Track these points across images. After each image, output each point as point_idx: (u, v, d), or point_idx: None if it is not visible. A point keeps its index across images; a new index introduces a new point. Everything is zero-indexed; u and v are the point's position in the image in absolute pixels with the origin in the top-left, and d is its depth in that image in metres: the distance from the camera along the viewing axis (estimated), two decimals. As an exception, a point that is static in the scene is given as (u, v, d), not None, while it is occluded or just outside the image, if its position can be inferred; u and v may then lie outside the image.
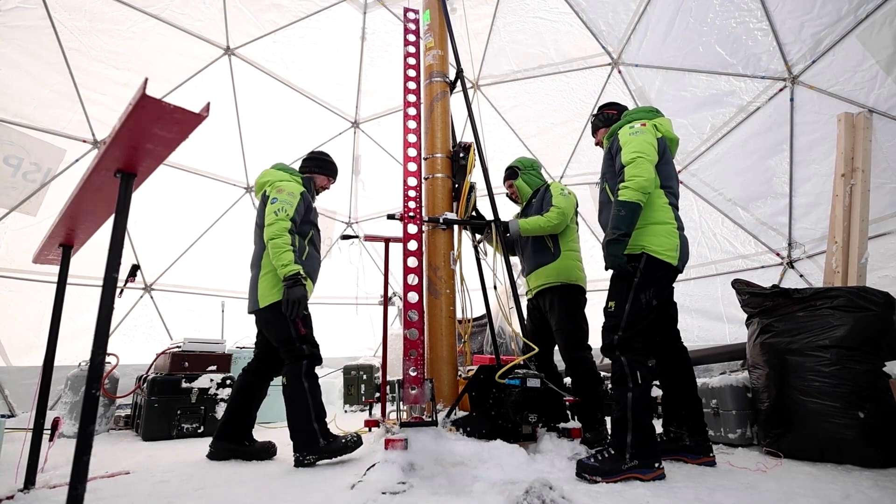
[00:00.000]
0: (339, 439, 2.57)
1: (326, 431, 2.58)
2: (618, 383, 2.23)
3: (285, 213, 2.71)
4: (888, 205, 3.58)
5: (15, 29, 4.18)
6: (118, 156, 1.43)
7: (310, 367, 2.68)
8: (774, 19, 4.03)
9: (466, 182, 3.13)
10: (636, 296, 2.28)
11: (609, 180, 2.52)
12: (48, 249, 2.19)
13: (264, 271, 2.80)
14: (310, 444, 2.53)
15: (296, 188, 2.85)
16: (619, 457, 2.09)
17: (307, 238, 2.91)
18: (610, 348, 2.29)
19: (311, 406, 2.57)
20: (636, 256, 2.32)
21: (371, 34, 6.03)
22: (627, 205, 2.25)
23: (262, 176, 2.97)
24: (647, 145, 2.35)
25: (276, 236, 2.66)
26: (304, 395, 2.59)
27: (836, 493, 1.86)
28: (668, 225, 2.36)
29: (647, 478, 2.06)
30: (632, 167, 2.29)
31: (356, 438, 2.61)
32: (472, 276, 3.21)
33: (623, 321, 2.27)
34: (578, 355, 2.94)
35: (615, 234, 2.26)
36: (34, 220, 4.46)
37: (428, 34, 3.47)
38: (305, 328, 2.73)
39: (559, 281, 3.05)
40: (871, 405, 2.30)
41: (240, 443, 2.81)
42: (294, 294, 2.62)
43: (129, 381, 4.32)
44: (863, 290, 2.51)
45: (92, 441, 1.35)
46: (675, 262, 2.33)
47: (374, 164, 6.94)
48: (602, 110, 2.85)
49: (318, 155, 3.24)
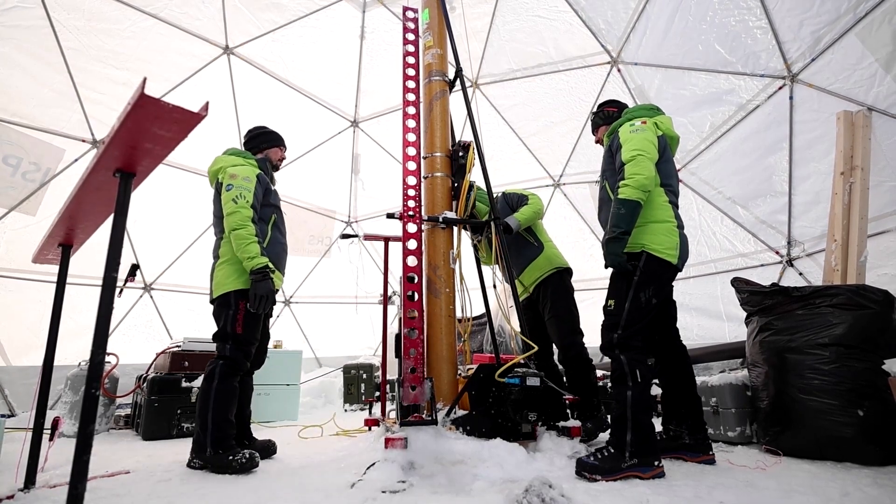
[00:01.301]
0: (228, 455, 2.36)
1: (220, 441, 2.39)
2: (617, 382, 2.22)
3: (245, 199, 2.56)
4: (887, 203, 3.58)
5: (14, 28, 4.17)
6: (117, 155, 1.43)
7: (224, 370, 2.51)
8: (774, 17, 4.02)
9: (466, 181, 3.13)
10: (636, 294, 2.27)
11: (609, 178, 2.52)
12: (47, 249, 2.19)
13: (221, 260, 2.69)
14: (199, 448, 2.42)
15: (250, 171, 2.71)
16: (619, 455, 2.09)
17: (269, 223, 2.77)
18: (609, 346, 2.29)
19: (209, 410, 2.42)
20: (636, 255, 2.32)
21: (370, 33, 6.02)
22: (627, 203, 2.25)
23: (214, 163, 2.81)
24: (647, 143, 2.35)
25: (239, 226, 2.51)
26: (207, 398, 2.44)
27: (836, 490, 1.86)
28: (668, 223, 2.36)
29: (646, 476, 2.07)
30: (632, 165, 2.29)
31: (248, 459, 2.36)
32: (472, 275, 3.22)
33: (623, 319, 2.26)
34: (570, 340, 3.05)
35: (615, 232, 2.25)
36: (33, 219, 4.45)
37: (427, 33, 3.47)
38: (245, 327, 2.57)
39: (553, 267, 3.20)
40: (870, 403, 2.30)
41: (239, 443, 2.69)
42: (261, 289, 2.49)
43: (129, 381, 4.32)
44: (862, 288, 2.51)
45: (92, 440, 1.35)
46: (674, 261, 2.33)
47: (374, 164, 6.93)
48: (602, 108, 2.85)
49: (258, 130, 3.07)
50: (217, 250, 2.76)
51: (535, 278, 3.21)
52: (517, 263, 3.30)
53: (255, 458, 2.40)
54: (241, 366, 2.59)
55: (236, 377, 2.58)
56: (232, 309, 2.59)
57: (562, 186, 6.29)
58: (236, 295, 2.60)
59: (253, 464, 2.38)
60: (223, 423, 2.45)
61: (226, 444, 2.42)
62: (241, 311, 2.58)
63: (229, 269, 2.64)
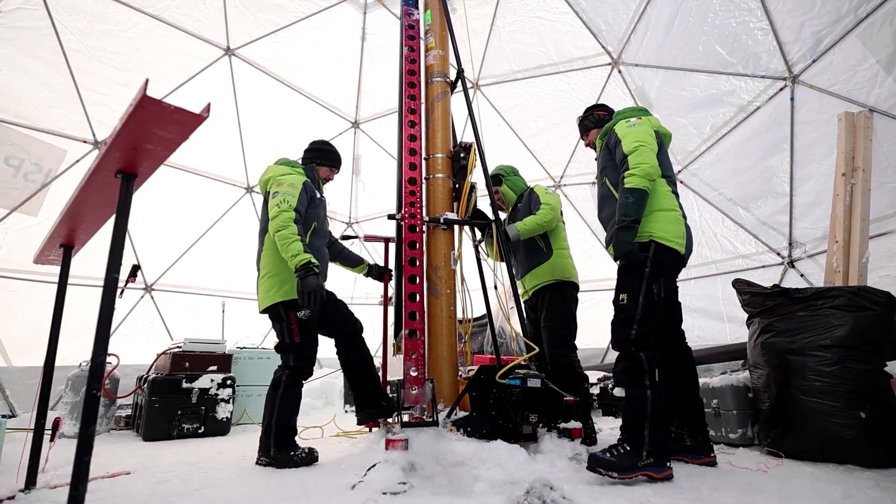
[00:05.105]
0: (290, 451, 2.54)
1: (281, 442, 2.56)
2: (635, 380, 2.16)
3: (288, 203, 2.62)
4: (889, 204, 3.58)
5: (16, 30, 4.18)
6: (119, 156, 1.43)
7: (290, 378, 2.65)
8: (774, 19, 4.02)
9: (467, 182, 3.13)
10: (649, 286, 2.22)
11: (609, 174, 2.50)
12: (49, 250, 2.19)
13: (262, 273, 2.78)
14: (265, 449, 2.57)
15: (297, 179, 2.77)
16: (636, 454, 2.05)
17: (309, 230, 2.81)
18: (626, 343, 2.21)
19: (274, 415, 2.57)
20: (644, 245, 2.28)
21: (371, 34, 6.03)
22: (635, 191, 2.23)
23: (265, 173, 2.89)
24: (646, 135, 2.37)
25: (282, 227, 2.56)
26: (273, 404, 2.60)
27: (837, 493, 1.85)
28: (674, 212, 2.36)
29: (659, 476, 2.04)
30: (635, 155, 2.29)
31: (308, 454, 2.55)
32: (473, 275, 3.22)
33: (638, 314, 2.20)
34: (558, 352, 3.00)
35: (625, 221, 2.21)
36: (35, 220, 4.46)
37: (429, 34, 3.47)
38: (302, 335, 2.67)
39: (554, 278, 3.13)
40: (871, 405, 2.30)
41: (377, 405, 2.87)
42: (307, 285, 2.46)
43: (130, 382, 4.32)
44: (863, 289, 2.50)
45: (93, 441, 1.35)
46: (682, 251, 2.31)
47: (375, 164, 6.94)
48: (592, 112, 2.88)
49: (319, 145, 3.15)
50: (258, 262, 2.85)
51: (535, 285, 3.20)
52: (523, 264, 3.28)
53: (313, 452, 2.56)
54: (304, 373, 2.71)
55: (300, 385, 2.72)
56: (284, 321, 2.67)
57: (562, 187, 6.30)
58: (284, 307, 2.67)
59: (312, 458, 2.54)
60: (285, 428, 2.60)
61: (287, 445, 2.57)
62: (293, 321, 2.65)
63: (270, 281, 2.71)
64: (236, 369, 4.29)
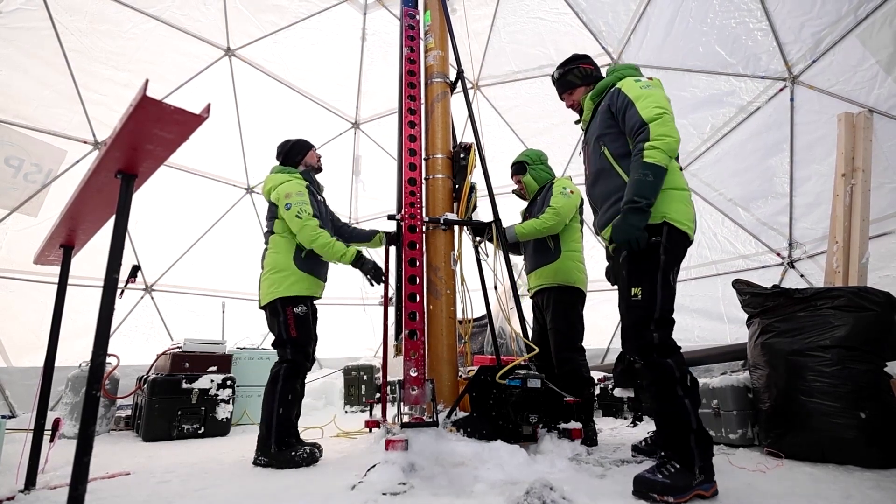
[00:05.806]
0: (291, 451, 2.50)
1: (282, 440, 2.53)
2: (666, 394, 1.86)
3: (306, 212, 2.70)
4: (889, 204, 3.58)
5: (16, 30, 4.18)
6: (119, 157, 1.43)
7: (287, 372, 2.65)
8: (774, 19, 4.02)
9: (467, 183, 3.13)
10: (665, 276, 1.90)
11: (610, 143, 2.13)
12: (49, 250, 2.19)
13: (265, 270, 2.83)
14: (263, 446, 2.54)
15: (299, 185, 2.84)
16: (688, 472, 1.77)
17: None
18: (647, 350, 1.90)
19: (273, 410, 2.56)
20: (656, 227, 1.93)
21: (371, 35, 6.03)
22: (657, 168, 1.86)
23: (266, 182, 2.95)
24: (667, 101, 2.00)
25: (314, 238, 2.67)
26: (272, 399, 2.59)
27: (837, 493, 1.85)
28: (686, 191, 2.05)
29: (708, 494, 1.78)
30: (658, 124, 1.92)
31: (309, 454, 2.51)
32: (473, 276, 3.21)
33: (657, 311, 1.88)
34: (565, 356, 2.95)
35: (641, 202, 1.86)
36: (35, 221, 4.46)
37: (429, 35, 3.47)
38: (298, 330, 2.70)
39: (557, 282, 3.07)
40: (872, 405, 2.29)
41: None
42: (366, 268, 2.76)
43: (130, 382, 4.32)
44: (864, 289, 2.50)
45: (92, 442, 1.35)
46: (692, 235, 2.02)
47: (375, 165, 6.94)
48: (577, 65, 2.45)
49: (285, 145, 3.10)
50: (262, 260, 2.89)
51: (537, 284, 3.16)
52: (531, 261, 3.24)
53: (315, 453, 2.55)
54: (302, 367, 2.72)
55: (298, 379, 2.72)
56: (281, 316, 2.70)
57: (562, 188, 6.28)
58: (282, 302, 2.71)
59: (314, 458, 2.53)
60: (286, 423, 2.60)
61: (289, 442, 2.57)
62: (290, 315, 2.69)
63: (273, 277, 2.75)
64: (236, 370, 4.29)
